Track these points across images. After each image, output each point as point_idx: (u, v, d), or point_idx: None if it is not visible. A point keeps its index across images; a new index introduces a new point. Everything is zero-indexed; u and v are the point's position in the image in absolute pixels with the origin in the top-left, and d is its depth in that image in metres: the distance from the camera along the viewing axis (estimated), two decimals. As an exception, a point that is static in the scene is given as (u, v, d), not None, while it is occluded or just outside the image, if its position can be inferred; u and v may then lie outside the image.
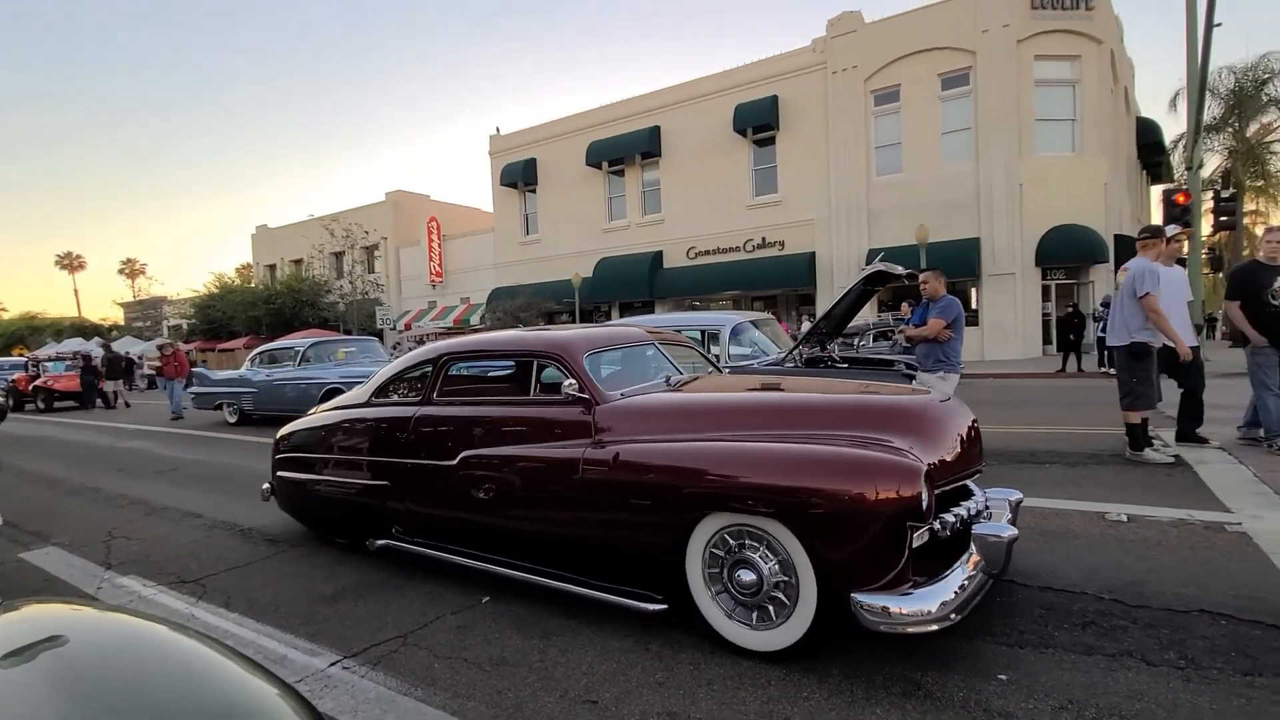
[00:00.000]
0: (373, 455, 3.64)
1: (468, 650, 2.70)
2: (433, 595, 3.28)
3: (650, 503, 2.60)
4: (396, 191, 33.64)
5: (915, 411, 2.68)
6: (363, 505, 3.69)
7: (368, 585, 3.48)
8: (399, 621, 3.01)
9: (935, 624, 2.11)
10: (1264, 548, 3.17)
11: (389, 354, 12.58)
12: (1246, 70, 24.17)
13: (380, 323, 27.21)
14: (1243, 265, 5.52)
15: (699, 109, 22.47)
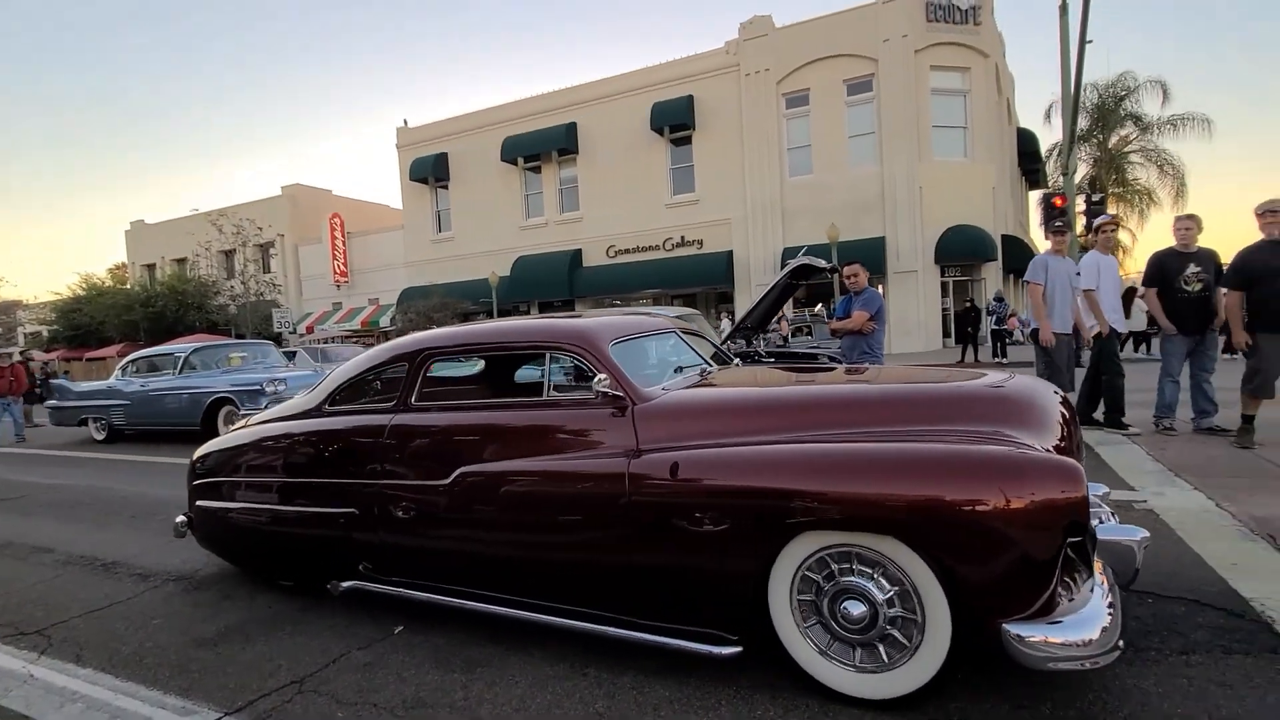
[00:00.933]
0: (332, 476, 2.94)
1: (377, 692, 2.35)
2: (337, 629, 2.89)
3: (724, 523, 2.08)
4: (294, 186, 31.41)
5: (1023, 398, 2.28)
6: (320, 539, 3.00)
7: (259, 623, 3.02)
8: (295, 664, 2.60)
9: (1103, 657, 1.72)
10: (1170, 523, 3.33)
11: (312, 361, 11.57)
12: (1108, 87, 26.79)
13: (278, 326, 25.24)
14: (1159, 253, 5.61)
15: (616, 106, 22.32)
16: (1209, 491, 3.79)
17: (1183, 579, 2.71)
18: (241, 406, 8.35)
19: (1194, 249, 5.39)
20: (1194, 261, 5.31)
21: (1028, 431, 2.05)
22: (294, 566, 3.27)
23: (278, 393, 8.39)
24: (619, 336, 2.68)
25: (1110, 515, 2.31)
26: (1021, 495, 1.76)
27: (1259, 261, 4.66)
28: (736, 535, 2.07)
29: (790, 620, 2.08)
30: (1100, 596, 1.86)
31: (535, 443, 2.55)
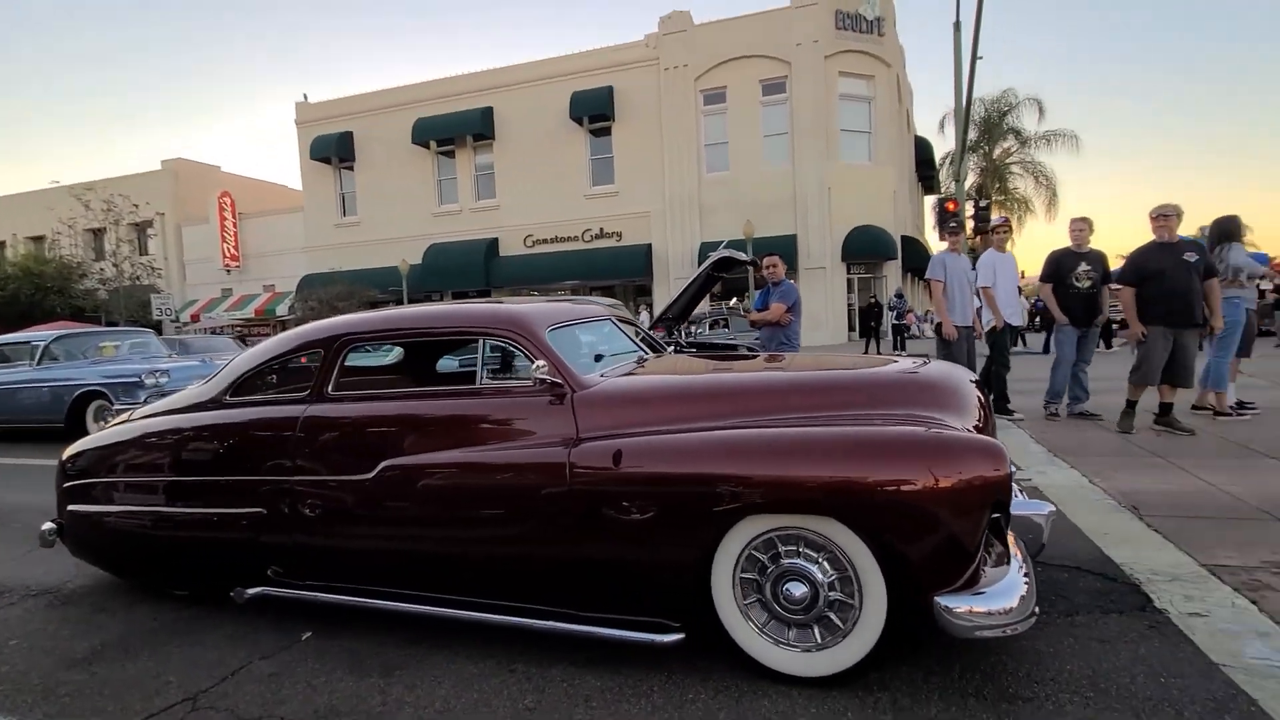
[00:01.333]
0: (236, 474, 2.70)
1: (284, 704, 2.17)
2: (236, 638, 2.65)
3: (670, 510, 2.08)
4: (176, 160, 28.68)
5: (944, 382, 2.38)
6: (222, 542, 2.75)
7: (141, 636, 2.73)
8: (186, 679, 2.36)
9: (1022, 623, 1.84)
10: (1052, 499, 3.65)
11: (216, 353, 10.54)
12: (993, 102, 29.12)
13: (158, 313, 22.99)
14: (1055, 252, 5.99)
15: (535, 93, 21.87)
16: (1083, 470, 4.19)
17: (1064, 548, 2.98)
18: (116, 401, 7.53)
19: (1086, 249, 5.84)
20: (1086, 260, 5.78)
21: (949, 414, 2.17)
22: (190, 573, 2.96)
23: (159, 386, 7.63)
24: (556, 323, 2.60)
25: (1020, 492, 2.49)
26: (952, 474, 1.86)
27: (1150, 261, 5.08)
28: (682, 521, 2.07)
29: (732, 602, 2.10)
30: (1016, 567, 1.99)
31: (468, 433, 2.43)
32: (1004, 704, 1.89)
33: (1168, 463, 4.29)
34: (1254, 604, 2.35)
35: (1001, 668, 2.08)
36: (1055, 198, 29.83)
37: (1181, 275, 4.97)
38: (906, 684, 2.02)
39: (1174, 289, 4.95)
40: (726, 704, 1.99)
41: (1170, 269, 4.97)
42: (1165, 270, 4.99)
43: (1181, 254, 5.01)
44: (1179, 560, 2.76)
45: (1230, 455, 4.39)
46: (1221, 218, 5.78)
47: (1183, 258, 4.99)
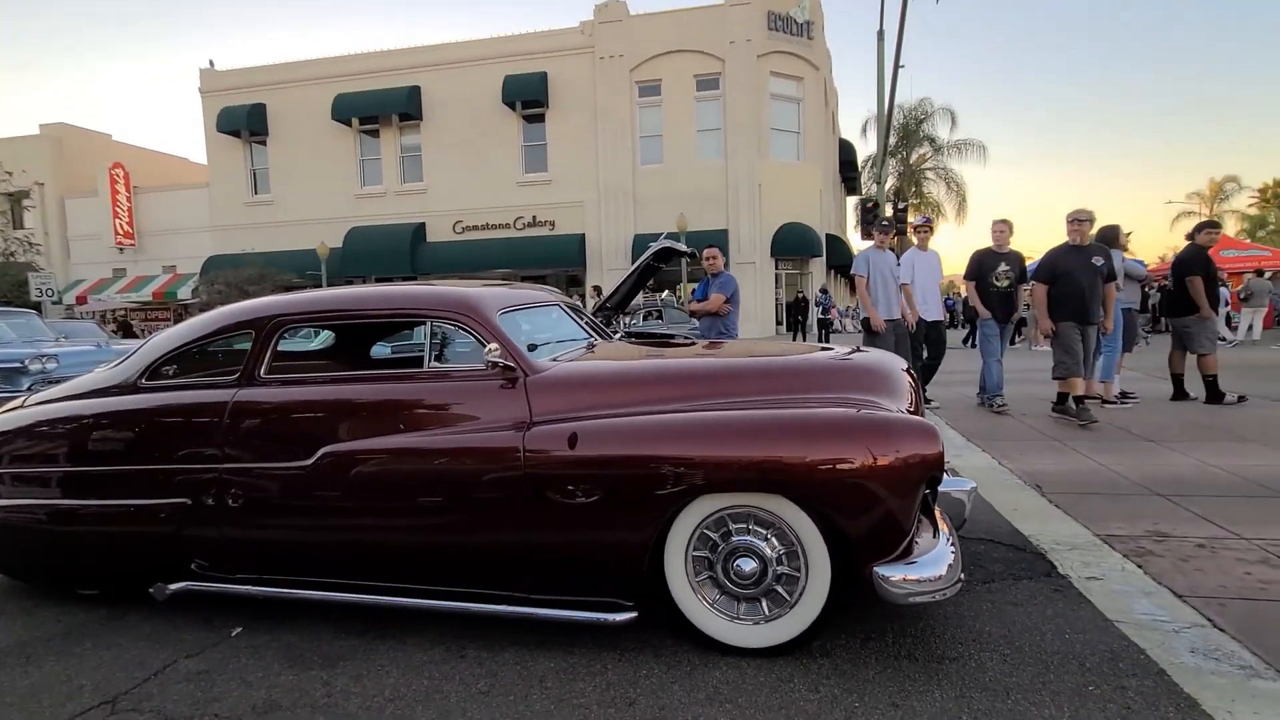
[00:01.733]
0: (155, 463, 2.51)
1: (218, 700, 2.06)
2: (156, 638, 2.48)
3: (625, 490, 2.12)
4: (59, 125, 25.98)
5: (879, 368, 2.51)
6: (138, 536, 2.57)
7: (44, 641, 2.51)
8: (102, 682, 2.20)
9: (951, 589, 2.00)
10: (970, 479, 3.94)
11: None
12: (911, 110, 30.68)
13: (37, 293, 20.76)
14: (978, 251, 6.32)
15: (465, 74, 21.21)
16: (994, 453, 4.55)
17: (979, 523, 3.23)
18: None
19: (1006, 249, 6.22)
20: (1005, 260, 6.17)
21: (883, 397, 2.30)
22: (99, 572, 2.73)
23: (45, 371, 6.95)
24: (506, 306, 2.57)
25: (945, 470, 2.68)
26: (892, 453, 1.99)
27: (1062, 262, 5.45)
28: (637, 502, 2.11)
29: (685, 580, 2.16)
30: (944, 539, 2.15)
31: (417, 417, 2.37)
32: (934, 664, 2.05)
33: (1064, 446, 4.72)
34: (1140, 568, 2.64)
35: (930, 631, 2.25)
36: (965, 202, 31.84)
37: (1088, 276, 5.36)
38: (846, 650, 2.15)
39: (1080, 289, 5.32)
40: (679, 677, 2.05)
41: (1079, 270, 5.35)
42: (1074, 271, 5.36)
43: (1090, 257, 5.42)
44: (1077, 531, 3.06)
45: (1115, 439, 4.87)
46: (1104, 226, 6.38)
47: (1091, 261, 5.40)
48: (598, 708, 1.92)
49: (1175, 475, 3.87)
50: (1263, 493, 3.50)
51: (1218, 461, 4.10)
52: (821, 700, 1.89)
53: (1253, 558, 2.69)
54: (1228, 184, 43.96)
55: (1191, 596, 2.38)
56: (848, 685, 1.96)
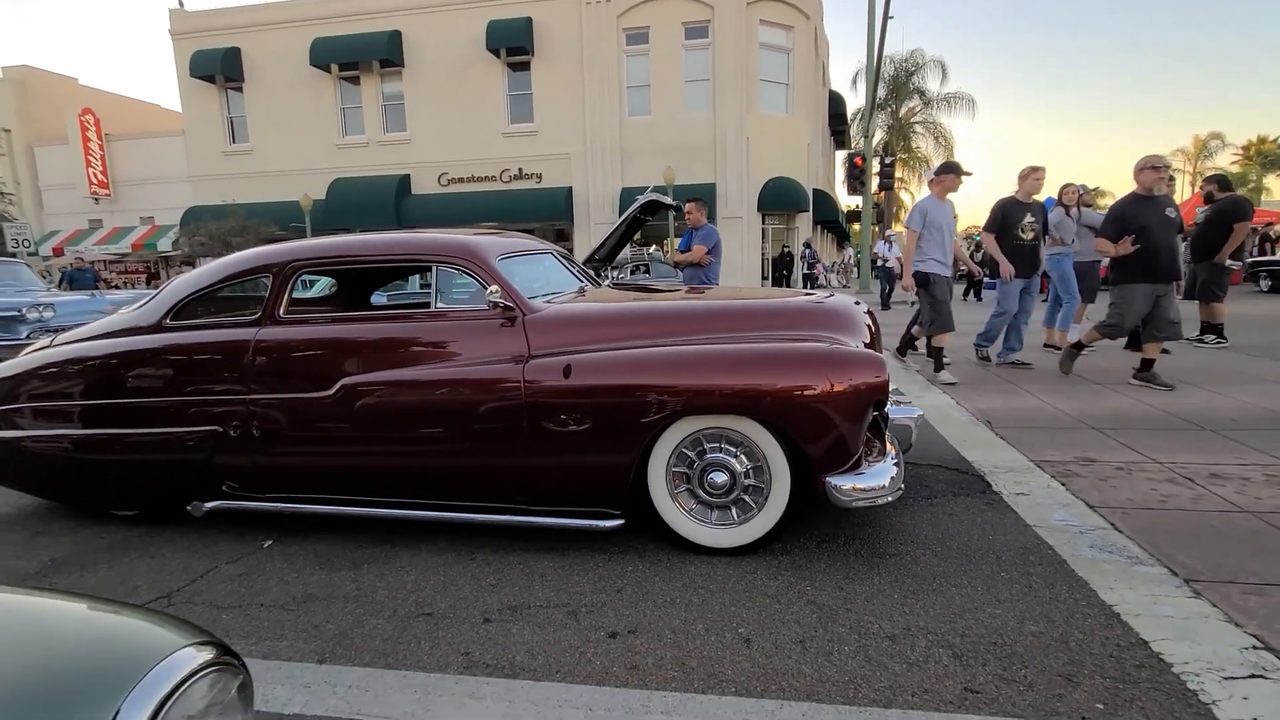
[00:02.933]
0: (185, 395, 2.78)
1: (260, 595, 2.39)
2: (195, 549, 2.80)
3: (614, 414, 2.41)
4: (23, 68, 24.95)
5: (842, 310, 2.78)
6: (173, 463, 2.85)
7: (94, 553, 2.81)
8: (154, 583, 2.52)
9: (891, 496, 2.34)
10: (928, 417, 4.30)
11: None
12: (901, 62, 30.27)
13: (13, 244, 20.41)
14: (1002, 201, 5.78)
15: (447, 18, 20.59)
16: (952, 395, 4.92)
17: (930, 453, 3.60)
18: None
19: (1031, 200, 5.75)
20: (1030, 212, 5.69)
21: (845, 334, 2.63)
22: (138, 494, 3.02)
23: (43, 320, 7.08)
24: (506, 253, 2.83)
25: (895, 401, 3.02)
26: (843, 380, 2.31)
27: (1135, 215, 4.78)
28: (623, 424, 2.42)
29: (665, 492, 2.50)
30: (890, 457, 2.51)
31: (426, 352, 2.65)
32: (876, 559, 2.42)
33: (1018, 388, 5.10)
34: (1064, 486, 3.03)
35: (875, 535, 2.61)
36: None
37: (1165, 232, 4.79)
38: (803, 550, 2.51)
39: (1157, 244, 4.72)
40: (660, 571, 2.40)
41: (1155, 224, 4.75)
42: (1150, 226, 4.74)
43: (1164, 209, 4.86)
44: (1015, 458, 3.44)
45: (1064, 382, 5.25)
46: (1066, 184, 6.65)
47: (1165, 214, 4.85)
48: (591, 594, 2.27)
49: (1113, 412, 4.26)
50: (1185, 426, 3.90)
51: (1152, 400, 4.50)
52: (779, 586, 2.25)
53: (1161, 477, 3.08)
54: (1212, 141, 44.14)
55: (1101, 507, 2.77)
56: (802, 575, 2.32)
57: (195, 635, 0.83)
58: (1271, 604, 2.00)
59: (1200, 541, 2.43)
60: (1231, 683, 1.66)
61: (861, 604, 2.11)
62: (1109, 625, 1.93)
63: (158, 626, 0.84)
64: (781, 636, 1.95)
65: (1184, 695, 1.62)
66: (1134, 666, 1.74)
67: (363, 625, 2.15)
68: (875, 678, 1.74)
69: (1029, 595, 2.12)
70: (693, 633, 1.99)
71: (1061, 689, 1.67)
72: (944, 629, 1.95)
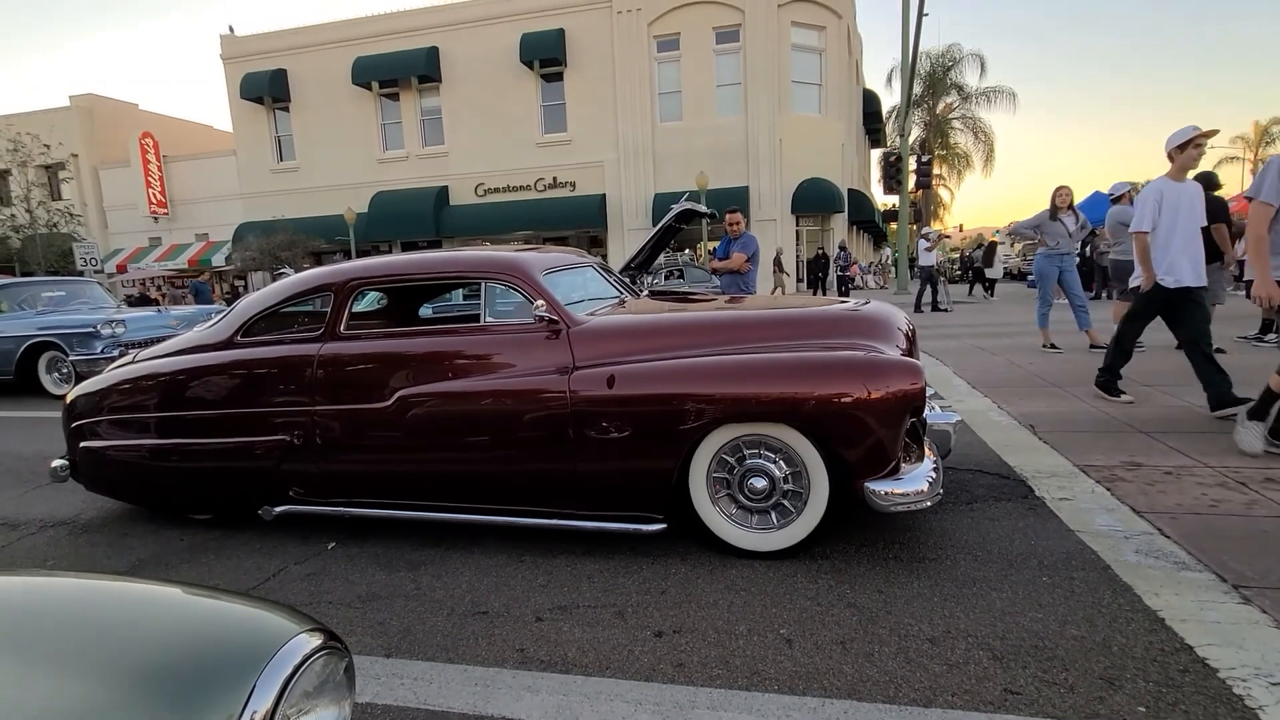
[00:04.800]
0: (256, 407, 2.99)
1: (328, 593, 2.56)
2: (265, 551, 3.00)
3: (656, 422, 2.50)
4: (88, 96, 26.48)
5: (878, 317, 2.83)
6: (245, 470, 3.05)
7: (175, 554, 3.04)
8: (232, 581, 2.71)
9: (930, 500, 2.37)
10: (969, 422, 4.28)
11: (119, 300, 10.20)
12: (938, 57, 29.71)
13: (82, 263, 21.66)
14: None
15: (482, 33, 21.11)
16: (993, 399, 4.87)
17: (971, 457, 3.60)
18: (71, 352, 7.41)
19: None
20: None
21: (882, 342, 2.67)
22: (213, 499, 3.26)
23: (115, 336, 7.54)
24: (549, 268, 2.97)
25: (934, 406, 3.04)
26: (880, 388, 2.36)
27: None
28: (666, 431, 2.51)
29: (706, 497, 2.58)
30: (929, 462, 2.54)
31: (477, 364, 2.80)
32: (916, 563, 2.46)
33: (1063, 391, 5.01)
34: (1109, 491, 3.00)
35: (915, 540, 2.65)
36: (992, 153, 31.04)
37: None
38: (842, 554, 2.56)
39: None
40: (702, 574, 2.49)
41: None
42: None
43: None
44: (1059, 463, 3.41)
45: (1115, 385, 5.13)
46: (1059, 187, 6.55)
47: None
48: (636, 595, 2.37)
49: (1161, 415, 4.17)
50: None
51: (1204, 403, 4.38)
52: (819, 589, 2.31)
53: (1211, 482, 3.03)
54: (1274, 126, 41.90)
55: (1148, 512, 2.74)
56: (842, 578, 2.38)
57: (307, 623, 0.96)
58: (1325, 611, 1.98)
59: (1252, 547, 2.39)
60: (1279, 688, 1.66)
61: (901, 607, 2.15)
62: (1153, 630, 1.94)
63: (275, 615, 0.97)
64: (822, 637, 2.01)
65: (1229, 700, 1.63)
66: (1178, 671, 1.75)
67: (424, 622, 2.28)
68: (915, 678, 1.79)
69: (1071, 600, 2.13)
70: (735, 633, 2.07)
71: (1103, 692, 1.69)
72: (984, 632, 1.98)
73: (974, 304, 14.89)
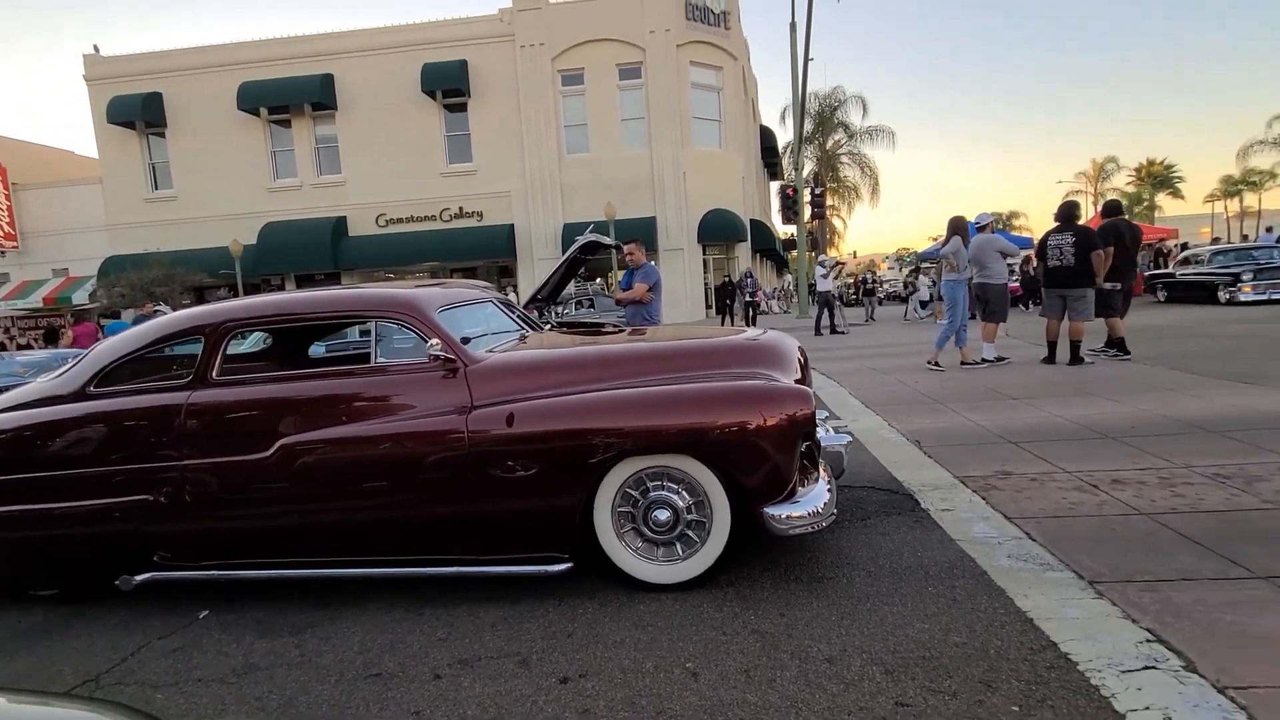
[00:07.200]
0: (113, 465, 2.67)
1: (197, 669, 2.31)
2: (124, 626, 2.67)
3: (559, 459, 2.47)
4: (-84, 115, 23.36)
5: (776, 346, 2.92)
6: (99, 536, 2.71)
7: (11, 638, 2.65)
8: (81, 666, 2.39)
9: (825, 521, 2.47)
10: (862, 440, 4.52)
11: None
12: (825, 98, 31.98)
13: (-93, 303, 18.93)
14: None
15: (381, 62, 20.62)
16: (884, 417, 5.18)
17: (864, 474, 3.79)
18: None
19: None
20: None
21: (779, 370, 2.77)
22: (60, 571, 2.87)
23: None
24: (445, 304, 2.88)
25: (827, 429, 3.18)
26: (775, 415, 2.44)
27: None
28: (569, 467, 2.48)
29: (611, 532, 2.55)
30: (823, 483, 2.64)
31: (370, 407, 2.65)
32: (815, 583, 2.54)
33: (944, 407, 5.42)
34: (984, 500, 3.24)
35: (815, 560, 2.74)
36: (878, 185, 33.59)
37: None
38: (746, 580, 2.61)
39: None
40: (610, 612, 2.45)
41: None
42: None
43: None
44: (941, 475, 3.66)
45: (986, 399, 5.61)
46: (953, 217, 7.22)
47: None
48: (541, 640, 2.29)
49: (1028, 426, 4.58)
50: (1091, 435, 4.23)
51: (1063, 413, 4.87)
52: (725, 617, 2.34)
53: (1070, 486, 3.34)
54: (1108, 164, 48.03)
55: (1018, 518, 2.98)
56: (746, 604, 2.41)
57: (129, 717, 0.85)
58: (1162, 599, 2.21)
59: (1103, 545, 2.65)
60: (1128, 675, 1.83)
61: (802, 629, 2.21)
62: (1024, 631, 2.09)
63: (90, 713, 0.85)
64: (727, 667, 2.02)
65: (1088, 691, 1.78)
66: (1045, 668, 1.90)
67: (308, 693, 2.10)
68: (814, 701, 1.83)
69: (954, 607, 2.27)
70: (642, 671, 2.04)
71: (982, 695, 1.80)
72: (877, 647, 2.07)
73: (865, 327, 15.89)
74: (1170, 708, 1.68)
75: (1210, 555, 2.49)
